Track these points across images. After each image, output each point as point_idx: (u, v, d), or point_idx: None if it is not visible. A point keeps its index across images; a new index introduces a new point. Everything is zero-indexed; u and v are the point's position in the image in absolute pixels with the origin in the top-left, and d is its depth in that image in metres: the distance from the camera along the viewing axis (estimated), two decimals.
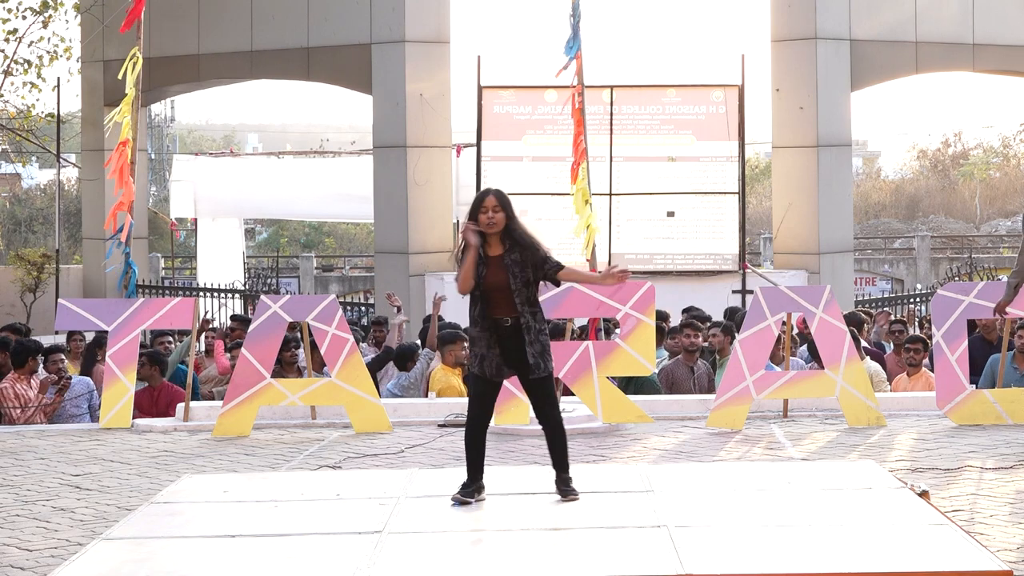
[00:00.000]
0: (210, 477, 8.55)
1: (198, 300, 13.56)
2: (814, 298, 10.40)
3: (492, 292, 7.20)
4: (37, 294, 23.01)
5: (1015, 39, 20.12)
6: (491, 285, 7.19)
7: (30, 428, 11.00)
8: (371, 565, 6.07)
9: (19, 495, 8.29)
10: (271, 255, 39.81)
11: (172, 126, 56.72)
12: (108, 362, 10.92)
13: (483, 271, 7.19)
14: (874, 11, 19.22)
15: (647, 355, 10.26)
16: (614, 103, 18.57)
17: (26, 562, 6.58)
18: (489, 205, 7.26)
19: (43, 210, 48.64)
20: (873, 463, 8.25)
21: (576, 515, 6.92)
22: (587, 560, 6.22)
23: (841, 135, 19.10)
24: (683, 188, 18.51)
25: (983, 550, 6.03)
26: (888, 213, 55.12)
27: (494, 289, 7.19)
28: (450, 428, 10.39)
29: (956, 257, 38.44)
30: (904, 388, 11.53)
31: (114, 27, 19.66)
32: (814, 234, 18.78)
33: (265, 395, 10.45)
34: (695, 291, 17.50)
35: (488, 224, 7.23)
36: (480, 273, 7.18)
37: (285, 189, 25.87)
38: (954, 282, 14.78)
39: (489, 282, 7.19)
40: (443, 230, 19.63)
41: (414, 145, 19.02)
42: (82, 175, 24.40)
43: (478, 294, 7.22)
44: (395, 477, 8.22)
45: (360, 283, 38.53)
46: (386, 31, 19.17)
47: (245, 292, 23.38)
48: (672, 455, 9.28)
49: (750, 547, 6.24)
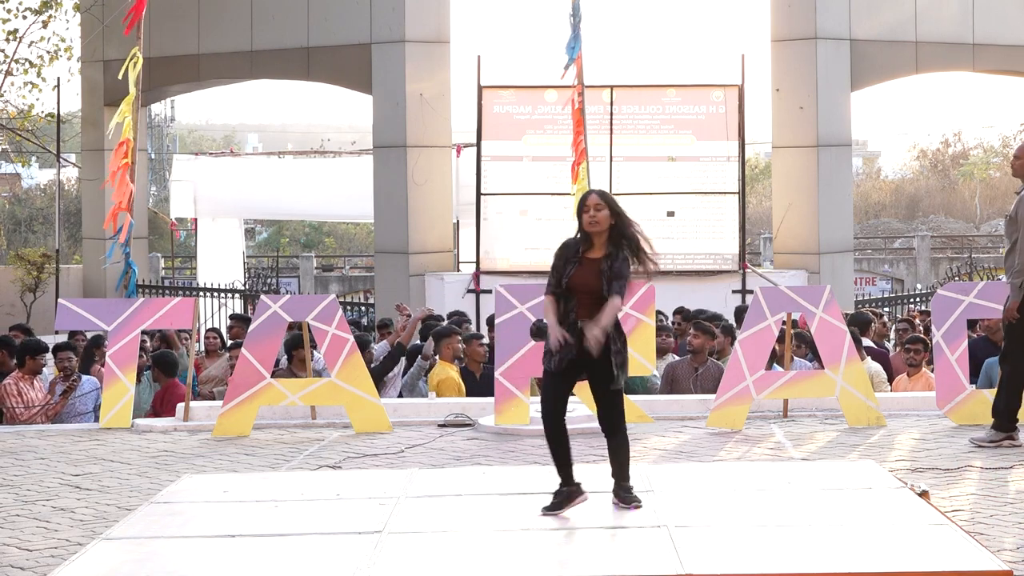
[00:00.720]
0: (210, 477, 8.55)
1: (198, 300, 13.56)
2: (814, 298, 10.40)
3: (580, 294, 6.96)
4: (37, 294, 23.02)
5: (1015, 39, 20.12)
6: (580, 286, 6.96)
7: (30, 428, 11.00)
8: (371, 565, 6.07)
9: (19, 495, 8.29)
10: (271, 255, 39.83)
11: (172, 126, 56.76)
12: (108, 362, 10.92)
13: (572, 270, 6.99)
14: (874, 11, 19.22)
15: (647, 355, 10.27)
16: (614, 103, 18.57)
17: (26, 562, 6.58)
18: (591, 204, 7.03)
19: (43, 210, 48.67)
20: (873, 463, 8.26)
21: (576, 515, 6.91)
22: (587, 560, 6.22)
23: (841, 135, 19.10)
24: (683, 188, 18.51)
25: (983, 550, 6.03)
26: (888, 213, 55.15)
27: (582, 291, 6.96)
28: (450, 428, 10.39)
29: (956, 257, 38.47)
30: (904, 388, 11.53)
31: (114, 27, 19.69)
32: (814, 234, 18.78)
33: (265, 395, 10.45)
34: (695, 291, 17.49)
35: (590, 223, 7.01)
36: (568, 272, 6.99)
37: (285, 189, 25.87)
38: (954, 282, 14.78)
39: (578, 282, 6.97)
40: (443, 230, 19.62)
41: (414, 145, 19.02)
42: (82, 175, 24.40)
43: (562, 292, 7.01)
44: (395, 477, 8.22)
45: (360, 283, 38.54)
46: (386, 31, 19.17)
47: (245, 292, 23.38)
48: (672, 455, 9.28)
49: (750, 547, 6.24)
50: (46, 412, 11.47)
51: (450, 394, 11.40)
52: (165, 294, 21.94)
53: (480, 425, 10.38)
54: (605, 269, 6.98)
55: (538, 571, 6.08)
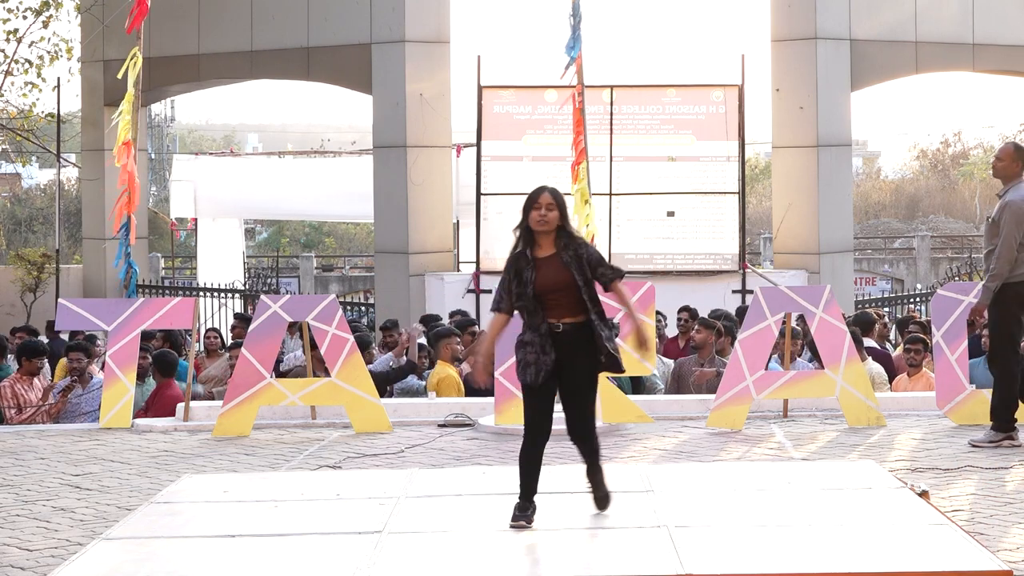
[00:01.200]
0: (210, 477, 8.55)
1: (198, 300, 13.56)
2: (814, 298, 10.40)
3: (550, 294, 6.73)
4: (37, 294, 23.00)
5: (1015, 39, 20.11)
6: (550, 287, 6.72)
7: (30, 428, 11.00)
8: (371, 565, 6.07)
9: (19, 495, 8.29)
10: (271, 255, 39.82)
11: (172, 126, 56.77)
12: (108, 362, 10.92)
13: (532, 275, 6.75)
14: (874, 11, 19.21)
15: (647, 355, 10.25)
16: (614, 103, 18.56)
17: (26, 562, 6.58)
18: (544, 202, 6.82)
19: (43, 210, 48.66)
20: (873, 463, 8.26)
21: (576, 515, 6.91)
22: (587, 560, 6.22)
23: (841, 135, 19.09)
24: (683, 188, 18.50)
25: (983, 550, 6.03)
26: (888, 213, 55.14)
27: (553, 291, 6.73)
28: (450, 428, 10.40)
29: (956, 257, 38.44)
30: (904, 388, 11.53)
31: (114, 27, 19.69)
32: (814, 234, 18.77)
33: (265, 395, 10.45)
34: (695, 291, 17.49)
35: (540, 221, 6.80)
36: (529, 278, 6.75)
37: (285, 189, 25.86)
38: (954, 282, 14.77)
39: (547, 284, 6.72)
40: (443, 230, 19.62)
41: (414, 145, 19.01)
42: (82, 175, 24.39)
43: (528, 301, 6.76)
44: (395, 477, 8.22)
45: (360, 283, 38.54)
46: (386, 31, 19.17)
47: (245, 292, 23.39)
48: (672, 455, 9.28)
49: (750, 547, 6.24)
50: (48, 411, 11.47)
51: (450, 394, 11.41)
52: (165, 294, 21.95)
53: (480, 425, 10.39)
54: (569, 260, 6.76)
55: (538, 571, 6.09)
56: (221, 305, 22.54)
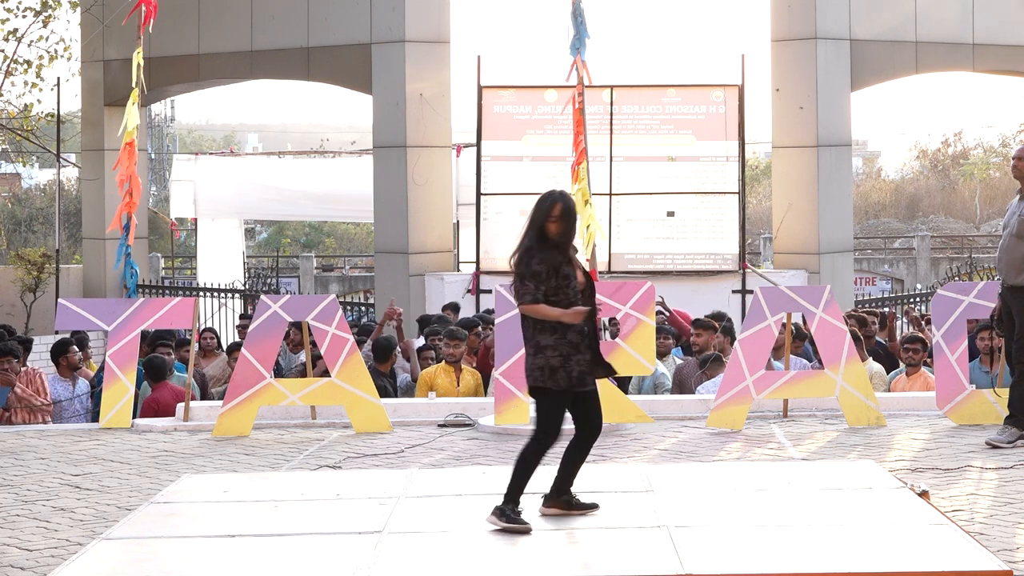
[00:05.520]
0: (210, 477, 8.55)
1: (198, 300, 13.56)
2: (814, 298, 10.40)
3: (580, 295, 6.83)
4: (37, 294, 23.00)
5: (1015, 39, 20.11)
6: (581, 288, 6.85)
7: (30, 428, 11.01)
8: (371, 565, 6.07)
9: (19, 495, 8.29)
10: (271, 255, 39.82)
11: (172, 126, 56.74)
12: (108, 362, 10.92)
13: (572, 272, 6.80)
14: (874, 11, 19.22)
15: (647, 355, 10.27)
16: (614, 103, 18.57)
17: (26, 562, 6.58)
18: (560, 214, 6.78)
19: (43, 210, 48.64)
20: (873, 463, 8.26)
21: (576, 515, 6.91)
22: (587, 560, 6.22)
23: (841, 135, 19.10)
24: (683, 188, 18.52)
25: (983, 550, 6.03)
26: (888, 213, 55.15)
27: (582, 292, 6.85)
28: (450, 428, 10.40)
29: (956, 257, 38.46)
30: (903, 388, 11.53)
31: (114, 27, 19.69)
32: (814, 234, 18.78)
33: (265, 395, 10.45)
34: (695, 291, 17.50)
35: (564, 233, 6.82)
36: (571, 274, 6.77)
37: (285, 189, 25.88)
38: (954, 282, 14.77)
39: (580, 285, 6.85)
40: (443, 230, 19.62)
41: (414, 145, 19.02)
42: (82, 175, 24.39)
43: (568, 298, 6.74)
44: (395, 477, 8.22)
45: (360, 283, 38.54)
46: (386, 31, 19.17)
47: (245, 292, 23.38)
48: (672, 455, 9.28)
49: (750, 547, 6.25)
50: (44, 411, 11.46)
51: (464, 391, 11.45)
52: (165, 294, 21.95)
53: (480, 425, 10.39)
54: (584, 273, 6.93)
55: (538, 571, 6.08)
56: (221, 305, 22.54)
